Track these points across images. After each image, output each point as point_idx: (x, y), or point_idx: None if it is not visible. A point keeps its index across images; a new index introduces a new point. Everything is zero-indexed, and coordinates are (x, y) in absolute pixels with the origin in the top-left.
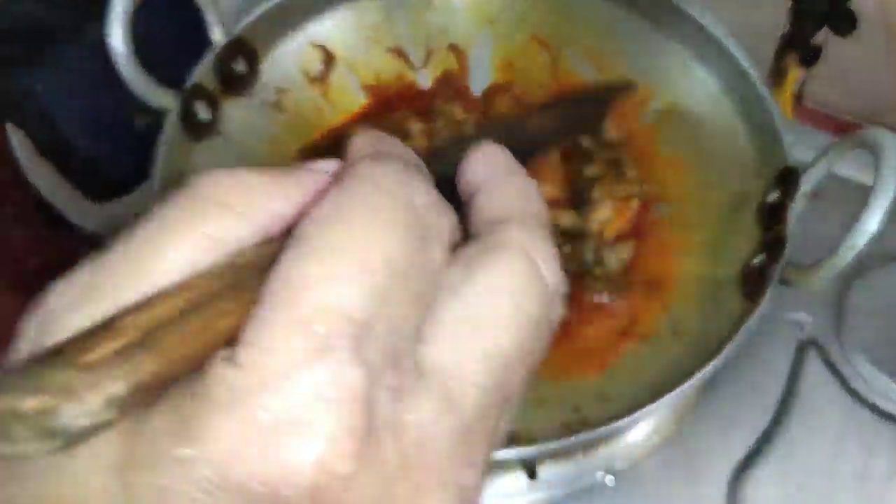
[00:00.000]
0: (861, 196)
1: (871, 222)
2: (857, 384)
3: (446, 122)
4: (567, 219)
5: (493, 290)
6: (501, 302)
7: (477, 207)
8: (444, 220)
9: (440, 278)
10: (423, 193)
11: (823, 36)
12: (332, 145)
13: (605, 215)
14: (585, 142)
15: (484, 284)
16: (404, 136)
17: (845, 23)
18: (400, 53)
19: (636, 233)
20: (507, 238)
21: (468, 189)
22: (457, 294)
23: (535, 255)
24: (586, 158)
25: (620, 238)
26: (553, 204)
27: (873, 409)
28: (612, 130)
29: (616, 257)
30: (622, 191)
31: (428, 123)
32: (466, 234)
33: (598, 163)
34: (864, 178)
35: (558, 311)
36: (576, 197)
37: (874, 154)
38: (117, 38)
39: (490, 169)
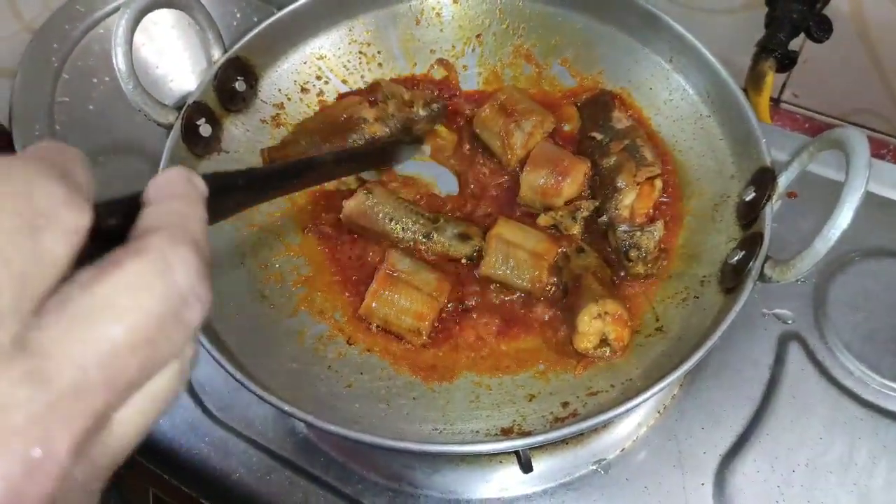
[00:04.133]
0: (837, 193)
1: (844, 218)
2: (838, 375)
3: (397, 104)
4: (587, 204)
5: (116, 286)
6: (120, 296)
7: (139, 219)
8: (69, 215)
9: (62, 272)
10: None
11: (800, 42)
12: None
13: (630, 199)
14: (599, 135)
15: (111, 281)
16: (358, 123)
17: (821, 29)
18: (392, 67)
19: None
20: (147, 243)
21: (143, 205)
22: (84, 288)
23: (172, 259)
24: (602, 151)
25: (649, 219)
26: (577, 199)
27: (855, 398)
28: (621, 120)
29: (648, 237)
30: (644, 173)
31: (379, 108)
32: None
33: (614, 153)
34: (840, 175)
35: (196, 313)
36: (600, 190)
37: (844, 153)
38: (120, 58)
39: (161, 190)
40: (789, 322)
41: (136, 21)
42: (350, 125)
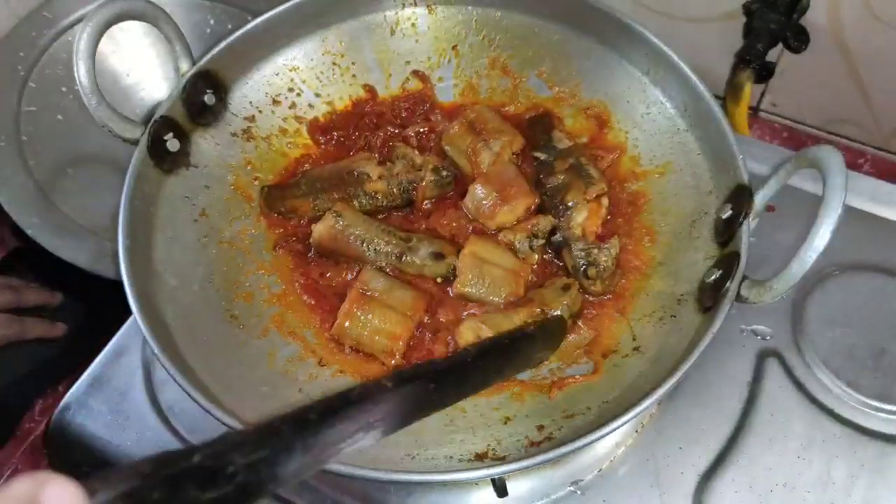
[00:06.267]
0: (815, 206)
1: (821, 239)
2: (816, 392)
3: (405, 166)
4: (544, 222)
5: None
6: None
7: None
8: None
9: None
10: None
11: (778, 52)
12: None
13: (583, 217)
14: (542, 155)
15: None
16: (361, 177)
17: (798, 39)
18: (366, 79)
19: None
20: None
21: None
22: None
23: None
24: (548, 171)
25: (603, 235)
26: (530, 214)
27: (833, 416)
28: (562, 140)
29: (606, 254)
30: (592, 191)
31: (386, 167)
32: None
33: (560, 172)
34: (818, 188)
35: None
36: (551, 208)
37: (820, 172)
38: (83, 73)
39: None
40: (767, 338)
41: (100, 34)
42: (353, 179)
